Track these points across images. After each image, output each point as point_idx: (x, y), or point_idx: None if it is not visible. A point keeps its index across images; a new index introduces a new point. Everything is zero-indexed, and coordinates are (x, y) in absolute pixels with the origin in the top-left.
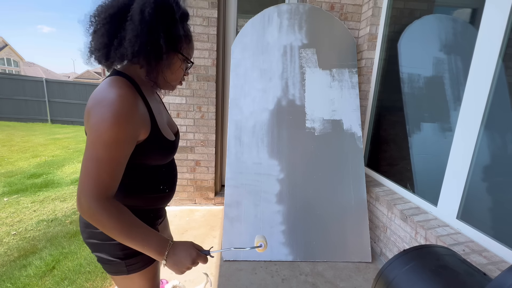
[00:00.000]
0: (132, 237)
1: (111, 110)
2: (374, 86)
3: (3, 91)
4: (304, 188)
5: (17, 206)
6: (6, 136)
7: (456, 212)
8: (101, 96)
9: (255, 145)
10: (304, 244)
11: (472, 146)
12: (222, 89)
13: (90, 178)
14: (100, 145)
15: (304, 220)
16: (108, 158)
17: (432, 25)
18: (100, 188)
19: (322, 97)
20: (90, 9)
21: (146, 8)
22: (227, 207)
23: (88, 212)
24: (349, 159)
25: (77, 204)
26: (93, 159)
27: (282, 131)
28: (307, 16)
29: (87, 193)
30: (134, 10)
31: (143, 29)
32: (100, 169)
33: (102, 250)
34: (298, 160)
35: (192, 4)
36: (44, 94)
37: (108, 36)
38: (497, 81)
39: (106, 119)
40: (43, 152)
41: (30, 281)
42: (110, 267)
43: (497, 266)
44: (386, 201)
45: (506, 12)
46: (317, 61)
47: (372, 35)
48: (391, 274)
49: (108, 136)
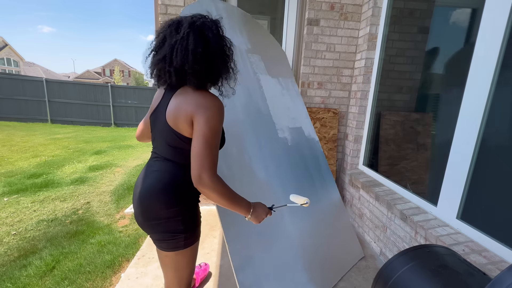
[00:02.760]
0: (234, 201)
1: (217, 112)
2: (374, 86)
3: (3, 91)
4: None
5: (17, 206)
6: (6, 136)
7: (456, 212)
8: (203, 102)
9: (238, 179)
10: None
11: (472, 146)
12: None
13: (208, 159)
14: (211, 134)
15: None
16: (216, 144)
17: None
18: (215, 165)
19: (280, 105)
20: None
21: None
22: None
23: (210, 185)
24: (321, 165)
25: (196, 181)
26: (207, 145)
27: (264, 149)
28: (243, 21)
29: (207, 170)
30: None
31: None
32: (213, 152)
33: (167, 227)
34: (288, 182)
35: None
36: (44, 94)
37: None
38: (497, 81)
39: (215, 117)
40: (43, 152)
41: (30, 281)
42: (170, 243)
43: (497, 266)
44: (386, 201)
45: (506, 12)
46: (265, 68)
47: (372, 35)
48: (391, 274)
49: (216, 128)
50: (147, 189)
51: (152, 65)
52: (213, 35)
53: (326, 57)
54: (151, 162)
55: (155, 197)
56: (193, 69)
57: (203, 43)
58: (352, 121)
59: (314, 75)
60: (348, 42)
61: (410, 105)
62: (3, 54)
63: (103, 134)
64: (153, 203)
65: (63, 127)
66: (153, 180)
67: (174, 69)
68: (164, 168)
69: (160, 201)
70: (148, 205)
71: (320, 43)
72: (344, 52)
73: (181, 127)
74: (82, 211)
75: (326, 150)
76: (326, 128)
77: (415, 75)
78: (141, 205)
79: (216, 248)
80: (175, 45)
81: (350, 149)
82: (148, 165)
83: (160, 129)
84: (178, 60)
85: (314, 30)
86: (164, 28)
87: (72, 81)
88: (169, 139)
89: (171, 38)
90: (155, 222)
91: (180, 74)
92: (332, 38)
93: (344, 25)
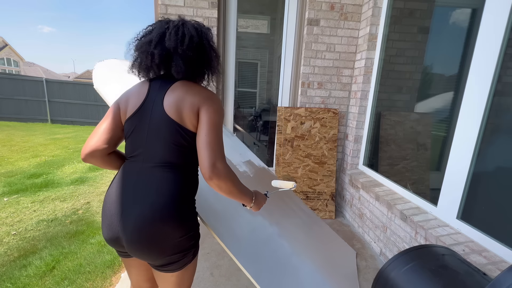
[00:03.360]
0: (242, 189)
1: (221, 106)
2: (374, 86)
3: (3, 91)
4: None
5: (17, 206)
6: (6, 136)
7: (456, 212)
8: (209, 95)
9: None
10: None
11: (472, 145)
12: (222, 89)
13: (221, 147)
14: (220, 125)
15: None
16: (221, 135)
17: None
18: (224, 154)
19: (226, 144)
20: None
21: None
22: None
23: (225, 173)
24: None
25: (211, 170)
26: (218, 134)
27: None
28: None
29: (221, 159)
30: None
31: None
32: (221, 142)
33: (180, 247)
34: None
35: (192, 4)
36: (44, 94)
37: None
38: (497, 81)
39: (221, 110)
40: (43, 152)
41: (30, 281)
42: (180, 263)
43: (497, 266)
44: (386, 201)
45: (506, 12)
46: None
47: (372, 35)
48: (391, 274)
49: (222, 120)
50: (154, 210)
51: (136, 49)
52: (205, 31)
53: (326, 57)
54: (141, 173)
55: (169, 219)
56: (185, 53)
57: (200, 34)
58: (352, 121)
59: (314, 75)
60: (348, 42)
61: (410, 105)
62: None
63: None
64: (166, 226)
65: (63, 127)
66: (160, 198)
67: (161, 50)
68: (167, 178)
69: (175, 222)
70: (157, 230)
71: (320, 43)
72: (344, 52)
73: (186, 119)
74: (82, 211)
75: (326, 150)
76: (326, 128)
77: (415, 75)
78: (144, 231)
79: (216, 248)
80: (167, 29)
81: (350, 149)
82: (137, 177)
83: (157, 128)
84: (172, 42)
85: (314, 30)
86: (152, 24)
87: (72, 81)
88: (173, 136)
89: (161, 27)
90: (165, 247)
91: (166, 57)
92: (332, 38)
93: (344, 25)
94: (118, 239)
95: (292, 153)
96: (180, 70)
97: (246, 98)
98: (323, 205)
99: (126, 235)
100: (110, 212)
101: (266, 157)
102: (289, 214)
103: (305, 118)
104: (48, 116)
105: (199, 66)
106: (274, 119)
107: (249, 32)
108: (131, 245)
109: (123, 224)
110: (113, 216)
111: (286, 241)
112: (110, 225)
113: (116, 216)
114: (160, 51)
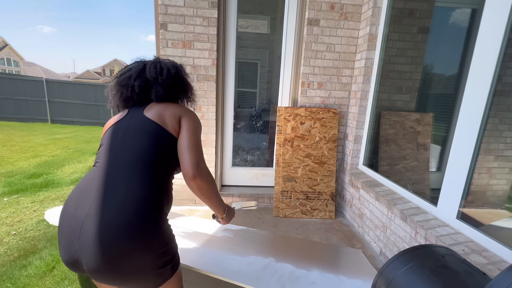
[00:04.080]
0: (218, 196)
1: (196, 116)
2: (374, 86)
3: (3, 91)
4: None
5: (17, 206)
6: (6, 136)
7: (456, 212)
8: (186, 109)
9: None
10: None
11: (472, 145)
12: (222, 89)
13: (201, 152)
14: (199, 134)
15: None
16: (201, 143)
17: None
18: (204, 159)
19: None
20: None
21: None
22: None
23: (207, 173)
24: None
25: (195, 169)
26: (199, 139)
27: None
28: None
29: (203, 161)
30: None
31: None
32: (201, 148)
33: (156, 264)
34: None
35: (192, 4)
36: (44, 94)
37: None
38: (497, 81)
39: (197, 120)
40: (43, 152)
41: (30, 281)
42: (157, 280)
43: (497, 266)
44: (386, 201)
45: (506, 12)
46: None
47: (372, 35)
48: (391, 274)
49: (200, 128)
50: (127, 222)
51: (116, 85)
52: (179, 66)
53: (326, 57)
54: (109, 173)
55: (146, 231)
56: (164, 82)
57: (175, 67)
58: (352, 121)
59: (314, 75)
60: (348, 42)
61: (410, 105)
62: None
63: None
64: (134, 242)
65: (63, 127)
66: (128, 199)
67: (141, 82)
68: (138, 175)
69: (152, 235)
70: (123, 249)
71: (320, 43)
72: (344, 52)
73: (167, 122)
74: None
75: (326, 150)
76: (326, 128)
77: (415, 75)
78: (107, 252)
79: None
80: (146, 65)
81: (350, 149)
82: (104, 177)
83: (135, 129)
84: (152, 73)
85: (314, 30)
86: (130, 64)
87: (72, 81)
88: (152, 135)
89: (139, 64)
90: (140, 265)
91: (146, 87)
92: (332, 38)
93: (344, 25)
94: (76, 262)
95: (292, 153)
96: (159, 95)
97: (246, 98)
98: (323, 205)
99: (88, 256)
100: (67, 228)
101: (266, 157)
102: (281, 248)
103: (305, 118)
104: (48, 116)
105: (176, 93)
106: (274, 119)
107: (249, 32)
108: (97, 268)
109: (81, 242)
110: (71, 232)
111: (286, 262)
112: (68, 243)
113: (74, 232)
114: (140, 82)
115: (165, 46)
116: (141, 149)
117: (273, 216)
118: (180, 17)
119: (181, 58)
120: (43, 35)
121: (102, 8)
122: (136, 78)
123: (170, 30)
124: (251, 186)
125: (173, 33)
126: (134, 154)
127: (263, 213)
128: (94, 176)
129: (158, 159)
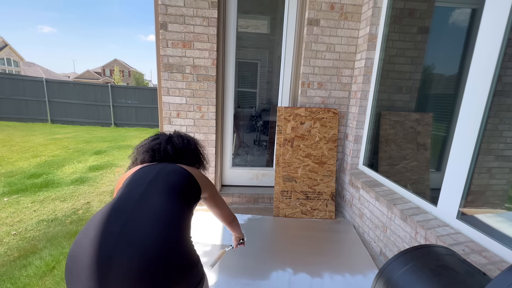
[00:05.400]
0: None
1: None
2: (374, 86)
3: (3, 91)
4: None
5: (17, 206)
6: (6, 136)
7: (456, 212)
8: (200, 172)
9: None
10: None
11: (472, 145)
12: (222, 89)
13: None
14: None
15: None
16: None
17: None
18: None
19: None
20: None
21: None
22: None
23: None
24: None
25: (232, 218)
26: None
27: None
28: None
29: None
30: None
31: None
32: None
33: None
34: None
35: (192, 4)
36: (44, 94)
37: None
38: (497, 80)
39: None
40: (43, 152)
41: (30, 281)
42: (198, 277)
43: (497, 266)
44: (386, 201)
45: (506, 12)
46: None
47: (372, 35)
48: (391, 274)
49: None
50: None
51: (148, 148)
52: (196, 143)
53: (326, 57)
54: (136, 207)
55: (188, 269)
56: (189, 153)
57: (194, 143)
58: (352, 121)
59: (314, 75)
60: (348, 42)
61: (410, 105)
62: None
63: (103, 134)
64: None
65: (63, 127)
66: (162, 234)
67: (175, 147)
68: (170, 207)
69: (185, 273)
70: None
71: (320, 43)
72: (344, 52)
73: (198, 178)
74: (82, 211)
75: (326, 150)
76: (326, 128)
77: (415, 75)
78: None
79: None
80: (173, 136)
81: (350, 149)
82: (131, 210)
83: (165, 174)
84: (180, 144)
85: (314, 30)
86: (156, 135)
87: (72, 81)
88: (183, 179)
89: (164, 135)
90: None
91: (177, 153)
92: (332, 38)
93: (344, 25)
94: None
95: (292, 153)
96: (186, 161)
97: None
98: (323, 205)
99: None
100: (82, 266)
101: (266, 157)
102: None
103: (305, 118)
104: (48, 116)
105: (195, 161)
106: (274, 119)
107: (249, 32)
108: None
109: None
110: (91, 271)
111: (303, 272)
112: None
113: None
114: (175, 147)
115: (165, 46)
116: (168, 195)
117: (273, 216)
118: (180, 17)
119: (181, 58)
120: (43, 35)
121: (102, 8)
122: (167, 144)
123: (170, 30)
124: (251, 186)
125: (173, 33)
126: (162, 195)
127: (263, 213)
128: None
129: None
